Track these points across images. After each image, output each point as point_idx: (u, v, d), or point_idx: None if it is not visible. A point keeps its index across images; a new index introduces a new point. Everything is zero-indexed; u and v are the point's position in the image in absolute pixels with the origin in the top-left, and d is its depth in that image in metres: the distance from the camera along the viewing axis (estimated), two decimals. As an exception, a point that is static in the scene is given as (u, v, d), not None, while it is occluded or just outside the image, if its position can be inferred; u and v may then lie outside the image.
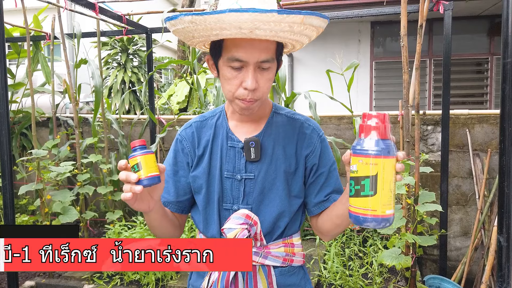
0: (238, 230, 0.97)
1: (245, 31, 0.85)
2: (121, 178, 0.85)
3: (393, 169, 0.77)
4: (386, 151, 0.76)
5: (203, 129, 1.11)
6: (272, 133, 1.06)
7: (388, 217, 0.78)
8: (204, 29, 0.87)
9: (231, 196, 1.05)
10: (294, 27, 0.86)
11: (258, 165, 1.04)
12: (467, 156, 3.19)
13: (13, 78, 4.30)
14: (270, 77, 0.97)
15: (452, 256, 3.26)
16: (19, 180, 4.01)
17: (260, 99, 0.98)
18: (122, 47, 6.72)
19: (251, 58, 0.92)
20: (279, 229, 1.05)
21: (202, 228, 1.10)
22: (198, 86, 3.44)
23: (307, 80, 6.45)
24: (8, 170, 2.16)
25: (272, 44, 0.95)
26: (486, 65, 6.27)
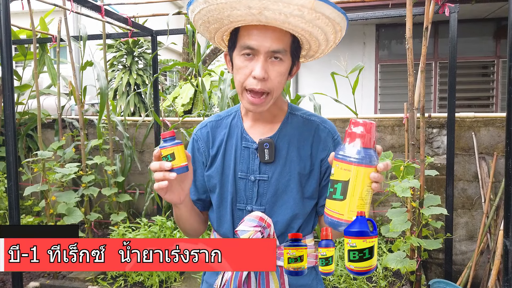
0: (251, 233, 0.97)
1: (254, 11, 0.85)
2: (154, 167, 0.88)
3: (367, 178, 0.78)
4: (363, 159, 0.77)
5: (218, 129, 1.11)
6: (287, 134, 1.06)
7: None
8: (217, 9, 0.89)
9: (244, 196, 1.05)
10: (305, 12, 0.85)
11: (272, 166, 1.04)
12: (473, 159, 3.17)
13: (20, 80, 4.33)
14: (282, 71, 0.95)
15: (457, 260, 3.23)
16: (24, 181, 4.03)
17: (271, 94, 0.96)
18: (128, 49, 6.75)
19: (262, 47, 0.92)
20: (293, 231, 1.05)
21: (216, 226, 1.11)
22: (203, 89, 3.45)
23: (312, 83, 6.45)
24: (14, 171, 2.17)
25: (286, 36, 0.94)
26: (492, 68, 6.24)
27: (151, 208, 3.96)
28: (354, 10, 5.11)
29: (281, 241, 1.05)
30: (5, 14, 2.10)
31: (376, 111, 6.46)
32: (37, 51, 3.49)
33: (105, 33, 3.68)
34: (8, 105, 2.14)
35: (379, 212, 3.40)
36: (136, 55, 6.82)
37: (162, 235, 3.19)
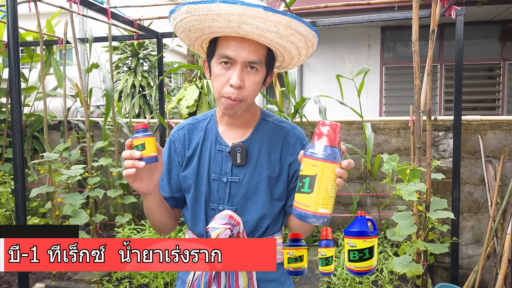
0: (221, 230, 1.02)
1: (234, 25, 0.91)
2: (125, 155, 0.92)
3: (332, 174, 0.86)
4: (328, 156, 0.85)
5: (194, 132, 1.17)
6: (258, 139, 1.12)
7: (321, 215, 0.87)
8: (198, 20, 0.94)
9: (217, 197, 1.12)
10: (280, 29, 0.92)
11: (244, 169, 1.10)
12: (479, 162, 3.15)
13: (26, 82, 4.36)
14: (257, 80, 1.02)
15: (463, 264, 3.21)
16: (30, 183, 4.05)
17: (245, 101, 1.02)
18: (133, 51, 6.78)
19: (239, 57, 0.98)
20: (261, 229, 1.12)
21: (191, 225, 1.17)
22: (208, 91, 3.45)
23: (317, 86, 6.44)
24: (21, 173, 2.18)
25: (262, 48, 1.00)
26: (498, 70, 6.20)
27: (156, 210, 3.96)
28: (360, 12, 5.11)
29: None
30: (13, 17, 2.11)
31: (381, 113, 6.44)
32: (43, 53, 3.51)
33: (111, 35, 3.70)
34: (15, 107, 2.15)
35: (385, 216, 3.38)
36: (141, 57, 6.85)
37: (167, 237, 3.19)
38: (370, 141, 3.08)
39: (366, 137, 3.12)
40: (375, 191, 3.37)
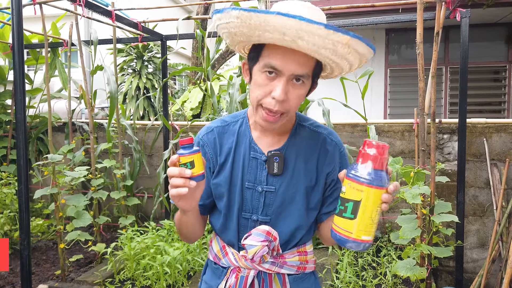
0: (258, 247, 0.99)
1: (288, 39, 0.83)
2: (173, 173, 0.86)
3: (378, 199, 0.81)
4: (375, 181, 0.80)
5: (225, 135, 1.09)
6: (295, 146, 1.06)
7: (363, 242, 0.82)
8: (248, 27, 0.86)
9: (250, 206, 1.06)
10: (338, 47, 0.85)
11: (280, 178, 1.04)
12: (484, 165, 3.12)
13: (31, 84, 4.39)
14: (301, 94, 0.95)
15: (468, 268, 3.18)
16: (35, 184, 4.07)
17: (286, 114, 0.96)
18: (138, 53, 6.81)
19: (286, 69, 0.90)
20: (295, 240, 1.07)
21: (220, 232, 1.12)
22: (211, 93, 3.46)
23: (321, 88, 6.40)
24: (24, 174, 2.19)
25: (311, 61, 0.92)
26: (503, 73, 6.16)
27: (159, 211, 3.97)
28: (364, 14, 5.10)
29: (284, 249, 1.07)
30: (18, 19, 2.13)
31: (385, 116, 6.41)
32: (48, 55, 3.53)
33: (115, 37, 3.72)
34: (19, 109, 2.16)
35: (389, 218, 3.36)
36: (146, 60, 6.88)
37: (170, 239, 3.19)
38: (374, 144, 3.06)
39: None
40: (379, 194, 3.34)
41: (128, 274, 2.91)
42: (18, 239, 3.42)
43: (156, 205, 3.69)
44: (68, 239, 2.84)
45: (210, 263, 1.16)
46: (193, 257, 2.96)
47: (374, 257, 3.02)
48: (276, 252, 1.04)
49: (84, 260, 3.32)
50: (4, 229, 3.43)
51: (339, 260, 2.96)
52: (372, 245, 3.16)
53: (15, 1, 2.12)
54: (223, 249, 1.11)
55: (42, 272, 3.14)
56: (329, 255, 3.00)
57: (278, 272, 1.07)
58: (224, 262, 1.10)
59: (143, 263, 2.82)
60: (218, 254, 1.12)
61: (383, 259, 2.90)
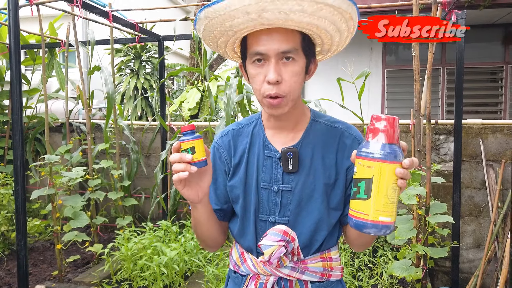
0: (275, 248, 0.94)
1: (254, 16, 0.84)
2: (174, 158, 0.86)
3: (392, 175, 0.74)
4: (386, 155, 0.74)
5: (240, 137, 1.08)
6: (310, 143, 1.02)
7: (382, 224, 0.75)
8: (218, 23, 0.89)
9: (267, 207, 1.01)
10: (305, 6, 0.82)
11: (296, 176, 1.00)
12: (480, 166, 3.14)
13: (28, 84, 4.38)
14: (296, 70, 0.92)
15: (464, 268, 3.19)
16: (32, 185, 4.07)
17: (288, 96, 0.93)
18: (135, 54, 6.81)
19: (271, 50, 0.90)
20: (317, 243, 1.01)
21: (238, 238, 1.08)
22: (209, 93, 3.46)
23: (318, 88, 6.44)
24: (21, 175, 2.19)
25: (294, 35, 0.91)
26: (500, 73, 6.19)
27: (156, 212, 3.98)
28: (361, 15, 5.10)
29: (305, 254, 1.01)
30: (15, 20, 2.13)
31: (383, 116, 6.43)
32: (46, 55, 3.53)
33: (113, 38, 3.72)
34: (16, 110, 2.16)
35: (385, 219, 3.37)
36: (144, 60, 6.88)
37: (167, 239, 3.19)
38: (371, 145, 3.08)
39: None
40: (376, 195, 3.36)
41: (125, 274, 2.92)
42: (15, 240, 3.42)
43: (154, 205, 3.69)
44: (65, 239, 2.84)
45: (231, 272, 1.12)
46: (190, 257, 2.97)
47: (370, 258, 3.03)
48: (296, 257, 1.00)
49: (81, 260, 3.32)
50: (1, 230, 3.43)
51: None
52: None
53: (11, 2, 2.12)
54: (242, 255, 1.07)
55: (39, 273, 3.14)
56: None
57: (299, 279, 1.01)
58: (243, 270, 1.05)
59: (140, 264, 2.83)
60: (237, 261, 1.08)
61: (379, 260, 2.92)
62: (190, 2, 11.04)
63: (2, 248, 3.45)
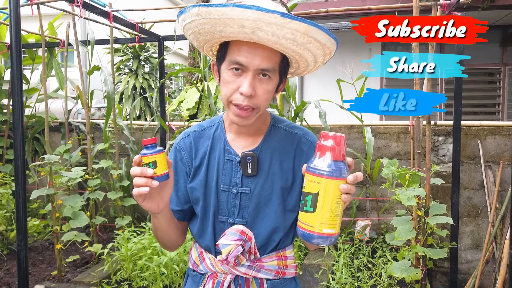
0: (232, 246, 0.98)
1: (247, 30, 0.85)
2: (135, 172, 0.86)
3: (336, 190, 0.79)
4: (331, 172, 0.79)
5: (201, 140, 1.10)
6: (269, 147, 1.06)
7: (326, 235, 0.81)
8: (209, 23, 0.88)
9: (226, 209, 1.05)
10: (297, 36, 0.86)
11: (255, 180, 1.04)
12: (479, 167, 3.16)
13: (27, 84, 4.37)
14: (269, 88, 0.96)
15: (462, 269, 3.21)
16: (31, 184, 4.06)
17: (257, 110, 0.96)
18: (134, 53, 6.80)
19: (251, 64, 0.92)
20: (273, 243, 1.06)
21: (197, 238, 1.11)
22: (208, 93, 3.47)
23: (317, 89, 6.45)
24: (22, 175, 2.19)
25: (276, 55, 0.94)
26: (498, 75, 6.22)
27: (155, 212, 3.97)
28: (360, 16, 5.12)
29: (262, 253, 1.06)
30: (16, 19, 2.13)
31: (381, 118, 6.45)
32: (45, 55, 3.53)
33: (112, 38, 3.72)
34: (17, 110, 2.16)
35: (384, 220, 3.39)
36: (143, 59, 6.87)
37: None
38: (370, 146, 3.09)
39: (366, 142, 3.13)
40: (375, 195, 3.37)
41: (125, 274, 2.92)
42: (14, 240, 3.42)
43: (153, 205, 3.68)
44: (65, 239, 2.84)
45: (190, 271, 1.15)
46: (189, 257, 2.97)
47: (369, 258, 3.05)
48: (253, 255, 1.04)
49: (80, 260, 3.32)
50: (0, 229, 3.42)
51: (335, 261, 2.98)
52: (367, 246, 3.18)
53: (12, 2, 2.12)
54: (201, 255, 1.10)
55: (38, 273, 3.14)
56: (325, 256, 3.02)
57: (255, 277, 1.05)
58: (201, 268, 1.09)
59: (139, 264, 2.83)
60: (196, 261, 1.11)
61: (379, 260, 2.93)
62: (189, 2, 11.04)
63: (1, 248, 3.45)
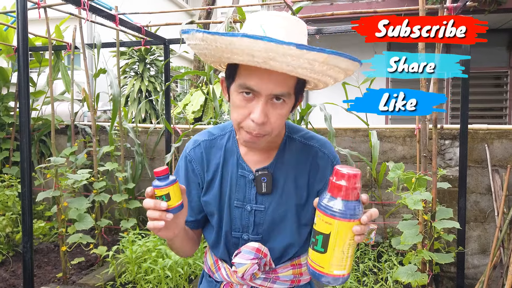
0: (248, 265, 0.97)
1: (259, 60, 0.77)
2: (149, 205, 0.83)
3: (349, 232, 0.75)
4: (344, 214, 0.75)
5: (212, 150, 1.05)
6: (284, 163, 1.01)
7: (337, 277, 0.78)
8: (215, 50, 0.82)
9: (240, 225, 1.03)
10: (315, 66, 0.78)
11: (269, 197, 1.01)
12: (486, 171, 3.13)
13: (34, 86, 4.40)
14: (283, 113, 0.89)
15: (469, 274, 3.18)
16: (37, 186, 4.08)
17: (269, 134, 0.90)
18: (140, 56, 6.84)
19: (264, 90, 0.84)
20: (288, 255, 1.05)
21: (212, 247, 1.11)
22: (213, 96, 3.47)
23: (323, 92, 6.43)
24: (28, 177, 2.20)
25: (291, 79, 0.86)
26: (505, 78, 6.17)
27: (160, 215, 3.97)
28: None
29: (276, 263, 1.05)
30: (23, 23, 2.14)
31: (387, 121, 6.42)
32: (52, 58, 3.55)
33: (118, 41, 3.74)
34: (23, 112, 2.17)
35: (390, 224, 3.37)
36: (148, 62, 6.90)
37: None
38: (376, 149, 3.07)
39: (372, 145, 3.11)
40: (381, 199, 3.35)
41: (130, 277, 2.92)
42: (20, 241, 3.43)
43: (158, 208, 3.68)
44: (70, 241, 2.85)
45: (205, 274, 1.15)
46: (194, 261, 2.97)
47: (375, 263, 3.02)
48: (268, 266, 1.02)
49: (85, 263, 3.32)
50: (6, 231, 3.44)
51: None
52: (373, 250, 3.16)
53: (20, 6, 2.13)
54: (216, 263, 1.09)
55: (44, 275, 3.14)
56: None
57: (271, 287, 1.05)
58: (217, 277, 1.09)
59: (144, 267, 2.83)
60: (211, 267, 1.11)
61: (384, 265, 2.90)
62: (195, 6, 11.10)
63: (7, 249, 3.46)
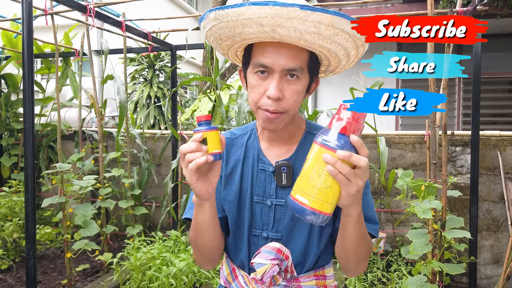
0: (268, 266, 0.92)
1: (267, 29, 0.81)
2: (189, 148, 0.81)
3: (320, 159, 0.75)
4: (323, 140, 0.76)
5: (233, 147, 1.06)
6: (304, 156, 0.99)
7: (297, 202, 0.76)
8: (228, 27, 0.85)
9: (260, 222, 1.00)
10: (322, 29, 0.80)
11: (289, 190, 0.97)
12: (498, 179, 3.04)
13: (43, 93, 4.44)
14: (299, 89, 0.90)
15: (482, 284, 3.08)
16: (44, 192, 4.10)
17: (287, 113, 0.91)
18: (149, 62, 6.87)
19: (276, 65, 0.87)
20: (310, 259, 0.99)
21: (231, 254, 1.05)
22: (220, 103, 3.45)
23: (331, 97, 6.39)
24: (31, 183, 2.19)
25: (302, 53, 0.89)
26: (518, 83, 6.05)
27: (166, 221, 3.96)
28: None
29: (299, 271, 0.99)
30: (28, 30, 2.15)
31: (397, 127, 6.33)
32: (60, 64, 3.57)
33: (125, 48, 3.75)
34: (28, 118, 2.17)
35: (400, 232, 3.29)
36: (157, 69, 6.93)
37: (176, 249, 3.16)
38: (384, 156, 3.01)
39: (380, 152, 3.05)
40: (390, 207, 3.28)
41: (134, 285, 2.89)
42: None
43: (164, 214, 3.67)
44: (75, 248, 2.83)
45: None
46: (199, 269, 2.93)
47: (384, 272, 2.95)
48: (290, 274, 0.97)
49: (91, 269, 3.31)
50: (13, 237, 3.45)
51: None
52: (382, 259, 3.08)
53: (26, 12, 2.14)
54: (233, 272, 1.04)
55: (49, 281, 3.13)
56: (338, 269, 2.94)
57: None
58: (234, 286, 1.03)
59: (149, 274, 2.80)
60: (228, 278, 1.05)
61: (393, 275, 2.83)
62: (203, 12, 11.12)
63: (13, 255, 3.47)
